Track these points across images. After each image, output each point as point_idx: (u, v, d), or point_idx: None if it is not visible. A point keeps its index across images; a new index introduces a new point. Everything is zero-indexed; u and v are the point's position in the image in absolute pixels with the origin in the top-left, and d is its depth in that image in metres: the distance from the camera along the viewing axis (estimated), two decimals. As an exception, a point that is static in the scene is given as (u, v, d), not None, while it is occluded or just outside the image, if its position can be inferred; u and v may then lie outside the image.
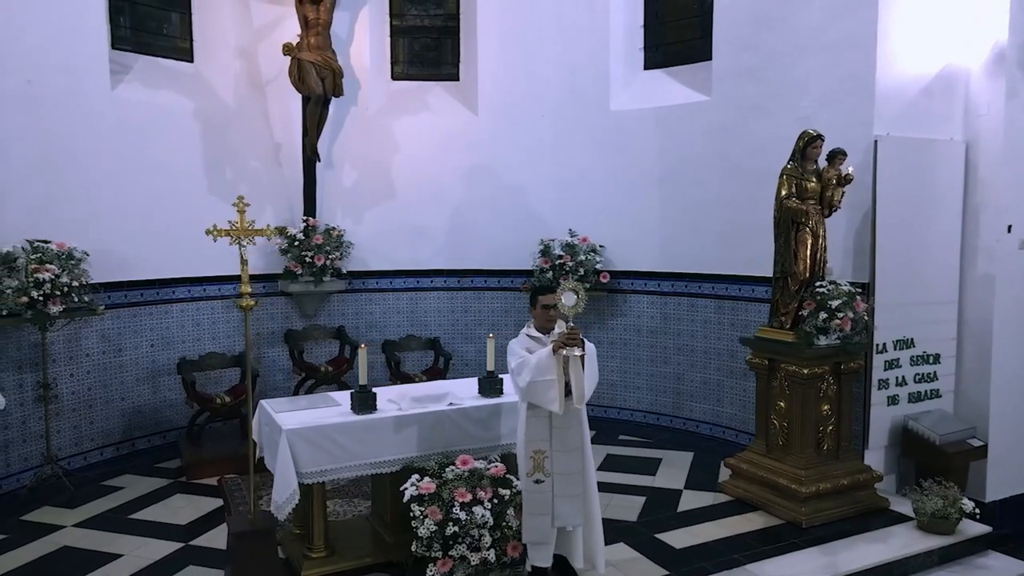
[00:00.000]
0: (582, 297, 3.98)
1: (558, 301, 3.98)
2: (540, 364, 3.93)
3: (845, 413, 5.41)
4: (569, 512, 4.10)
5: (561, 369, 3.94)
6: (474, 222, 8.14)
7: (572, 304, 3.96)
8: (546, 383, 3.92)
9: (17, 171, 5.86)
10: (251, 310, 4.29)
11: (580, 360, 3.95)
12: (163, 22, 7.35)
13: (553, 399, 3.94)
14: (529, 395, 3.99)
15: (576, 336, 3.92)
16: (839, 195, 5.32)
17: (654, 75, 7.76)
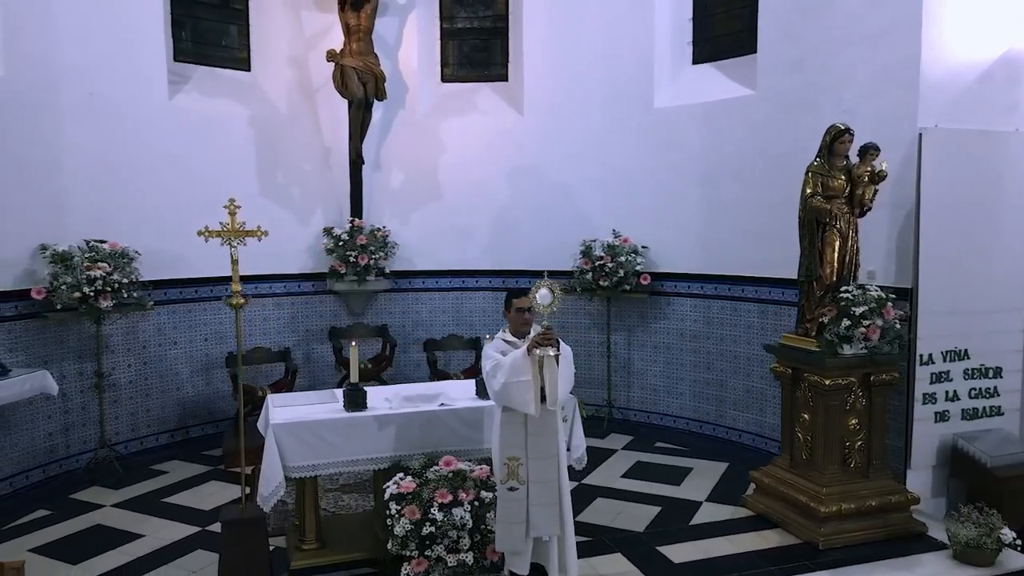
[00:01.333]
0: (557, 295, 3.91)
1: (532, 298, 3.91)
2: (515, 365, 3.87)
3: (876, 428, 5.01)
4: (545, 521, 4.02)
5: (536, 370, 3.87)
6: (519, 222, 8.12)
7: (547, 302, 3.89)
8: (521, 384, 3.86)
9: (79, 177, 6.35)
10: (242, 308, 4.43)
11: (555, 361, 3.86)
12: (223, 34, 7.77)
13: (528, 401, 3.87)
14: (504, 397, 3.94)
15: (551, 335, 3.84)
16: (870, 193, 4.94)
17: (702, 70, 7.47)
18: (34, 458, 6.07)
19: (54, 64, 6.15)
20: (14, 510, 5.50)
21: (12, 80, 5.84)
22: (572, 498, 5.44)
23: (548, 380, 3.84)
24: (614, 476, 6.15)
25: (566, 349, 3.98)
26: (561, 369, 3.86)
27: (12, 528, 5.19)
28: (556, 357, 3.88)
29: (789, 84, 6.38)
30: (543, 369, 3.88)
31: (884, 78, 5.55)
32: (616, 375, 7.88)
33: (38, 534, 5.09)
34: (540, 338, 3.83)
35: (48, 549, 4.84)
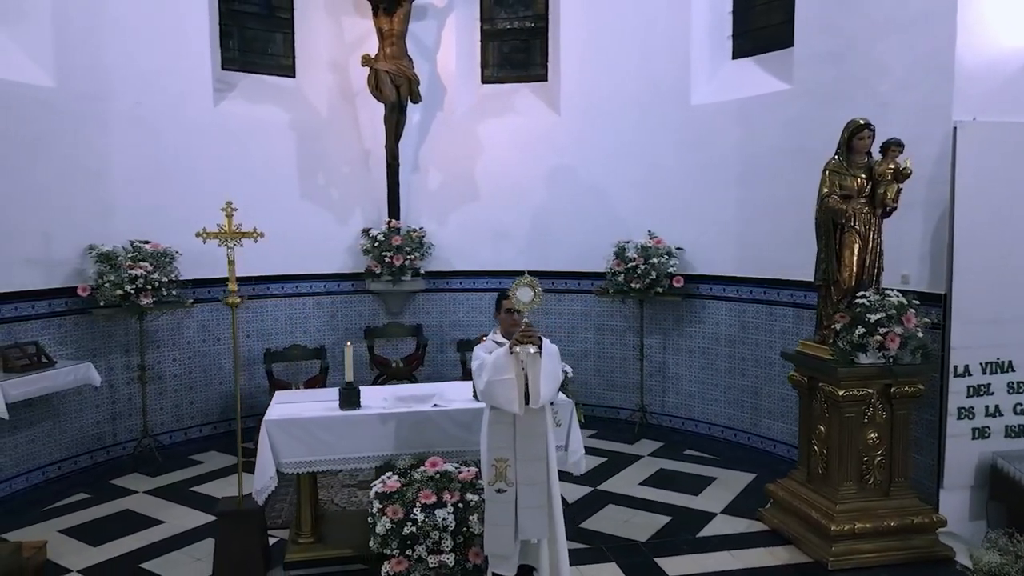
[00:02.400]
0: (538, 293, 3.86)
1: (512, 296, 3.88)
2: (497, 363, 3.84)
3: (899, 443, 4.69)
4: (533, 524, 3.96)
5: (520, 369, 3.83)
6: (555, 223, 8.07)
7: (528, 300, 3.85)
8: (504, 383, 3.81)
9: (126, 181, 6.74)
10: (237, 307, 4.58)
11: (538, 359, 3.80)
12: (269, 43, 8.07)
13: (512, 400, 3.83)
14: (488, 396, 3.92)
15: (531, 333, 3.79)
16: (893, 192, 4.62)
17: (742, 64, 7.20)
18: (82, 444, 6.49)
19: (103, 75, 6.54)
20: (59, 492, 5.90)
21: (63, 91, 6.25)
22: (583, 504, 5.46)
23: (531, 379, 3.79)
24: (631, 483, 6.01)
25: (551, 347, 3.91)
26: (544, 367, 3.79)
27: (52, 509, 5.56)
28: (538, 355, 3.81)
29: (826, 77, 6.07)
30: (527, 368, 3.83)
31: (919, 69, 5.20)
32: (651, 379, 7.70)
33: (72, 516, 5.43)
34: (520, 336, 3.79)
35: (76, 531, 5.16)
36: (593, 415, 8.03)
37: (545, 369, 3.76)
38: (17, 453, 5.94)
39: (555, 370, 3.84)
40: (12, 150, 5.89)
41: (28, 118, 6.01)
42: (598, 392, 8.08)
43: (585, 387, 8.12)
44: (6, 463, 5.84)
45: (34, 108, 6.05)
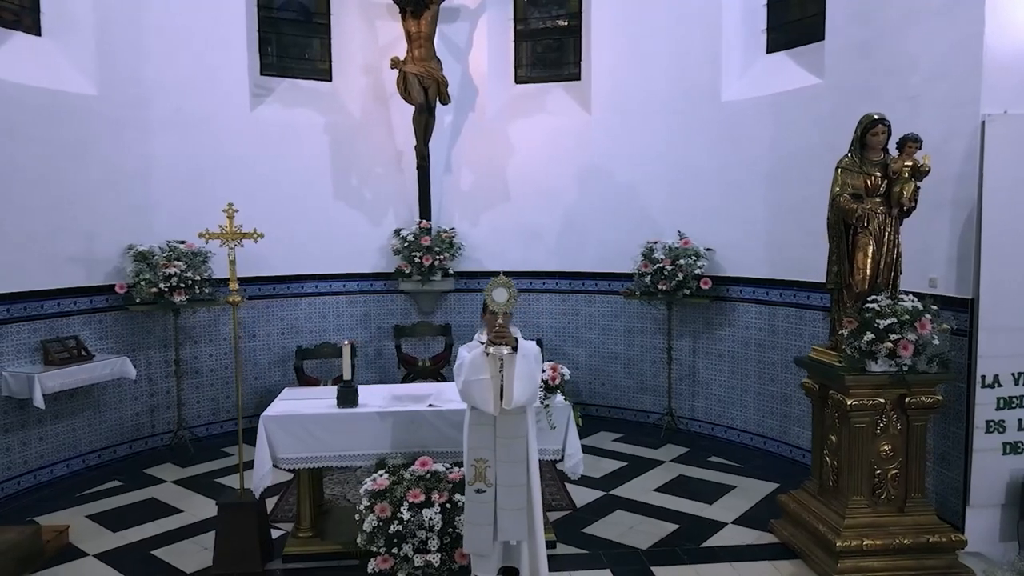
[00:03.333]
0: (513, 294, 3.84)
1: (488, 297, 3.87)
2: (474, 363, 3.85)
3: (915, 457, 4.43)
4: (512, 526, 3.95)
5: (497, 370, 3.82)
6: (586, 223, 7.99)
7: (503, 300, 3.83)
8: (480, 383, 3.82)
9: (165, 184, 7.04)
10: (238, 306, 4.72)
11: (513, 360, 3.78)
12: (306, 48, 8.29)
13: (487, 400, 3.83)
14: (466, 396, 3.93)
15: (504, 333, 3.77)
16: (909, 190, 4.37)
17: (776, 59, 6.95)
18: (121, 434, 6.82)
19: (143, 83, 6.86)
20: (95, 479, 6.22)
21: (105, 98, 6.59)
22: (591, 508, 5.40)
23: (505, 379, 3.77)
24: (646, 489, 5.89)
25: (530, 349, 3.87)
26: (519, 368, 3.76)
27: (85, 495, 5.87)
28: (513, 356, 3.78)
29: (857, 70, 5.79)
30: (504, 369, 3.81)
31: (948, 59, 4.89)
32: (681, 383, 7.53)
33: (102, 502, 5.72)
34: (494, 336, 3.78)
35: (101, 516, 5.43)
36: (622, 418, 7.94)
37: (520, 370, 3.73)
38: (59, 441, 6.29)
39: (531, 372, 3.80)
40: (57, 155, 6.23)
41: (72, 125, 6.35)
42: (628, 395, 7.95)
43: (615, 390, 8.02)
44: (48, 450, 6.20)
45: (78, 115, 6.39)
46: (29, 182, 6.00)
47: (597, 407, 8.12)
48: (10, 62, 5.99)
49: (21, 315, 5.96)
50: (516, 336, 3.93)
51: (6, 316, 5.84)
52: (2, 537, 4.44)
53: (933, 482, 5.01)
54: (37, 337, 6.07)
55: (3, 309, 5.81)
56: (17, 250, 5.90)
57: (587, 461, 6.42)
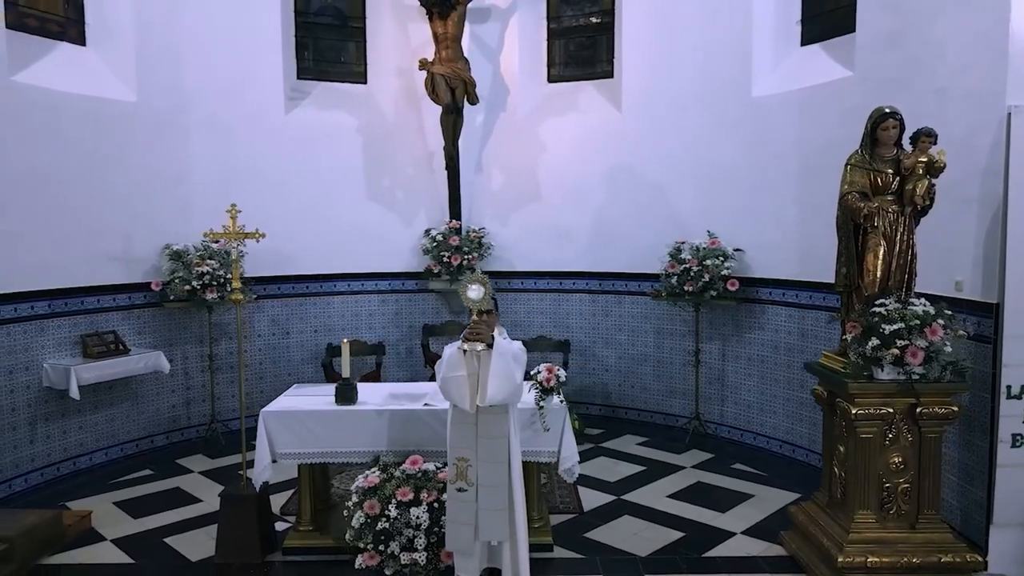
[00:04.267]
0: (488, 291, 3.84)
1: (462, 294, 3.88)
2: (451, 360, 3.87)
3: (929, 470, 4.17)
4: (492, 526, 3.95)
5: (473, 366, 3.82)
6: (616, 223, 7.88)
7: (477, 298, 3.85)
8: (456, 380, 3.85)
9: (202, 185, 7.30)
10: (241, 304, 4.85)
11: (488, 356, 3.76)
12: (342, 51, 8.46)
13: (464, 397, 3.85)
14: (444, 392, 3.96)
15: (478, 330, 3.77)
16: (923, 188, 4.11)
17: (810, 51, 6.68)
18: (158, 425, 7.13)
19: (181, 89, 7.14)
20: (129, 468, 6.52)
21: (145, 104, 6.89)
22: (598, 513, 5.33)
23: (480, 376, 3.77)
24: (660, 495, 5.76)
25: (509, 347, 3.84)
26: (494, 365, 3.74)
27: (117, 482, 6.16)
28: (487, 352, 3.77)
29: (886, 62, 5.51)
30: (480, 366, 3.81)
31: (975, 46, 4.60)
32: (710, 387, 7.33)
33: (130, 489, 6.00)
34: (467, 333, 3.78)
35: (127, 503, 5.69)
36: (651, 422, 7.80)
37: (495, 368, 3.71)
38: (98, 431, 6.62)
39: (508, 370, 3.76)
40: (99, 159, 6.56)
41: (113, 130, 6.66)
42: (657, 398, 7.79)
43: (644, 392, 7.88)
44: (87, 439, 6.53)
45: (119, 121, 6.70)
46: (71, 184, 6.33)
47: (626, 410, 7.99)
48: (55, 71, 6.33)
49: (62, 310, 6.30)
50: (499, 336, 3.93)
51: (47, 311, 6.18)
52: (24, 521, 4.70)
53: (957, 498, 4.72)
54: (77, 331, 6.40)
55: (44, 304, 6.15)
56: (59, 248, 6.24)
57: (605, 464, 6.45)
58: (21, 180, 5.93)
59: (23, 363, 5.99)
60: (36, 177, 6.04)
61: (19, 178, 5.92)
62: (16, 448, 5.94)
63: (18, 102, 5.92)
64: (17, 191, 5.91)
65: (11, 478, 5.90)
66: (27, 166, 5.97)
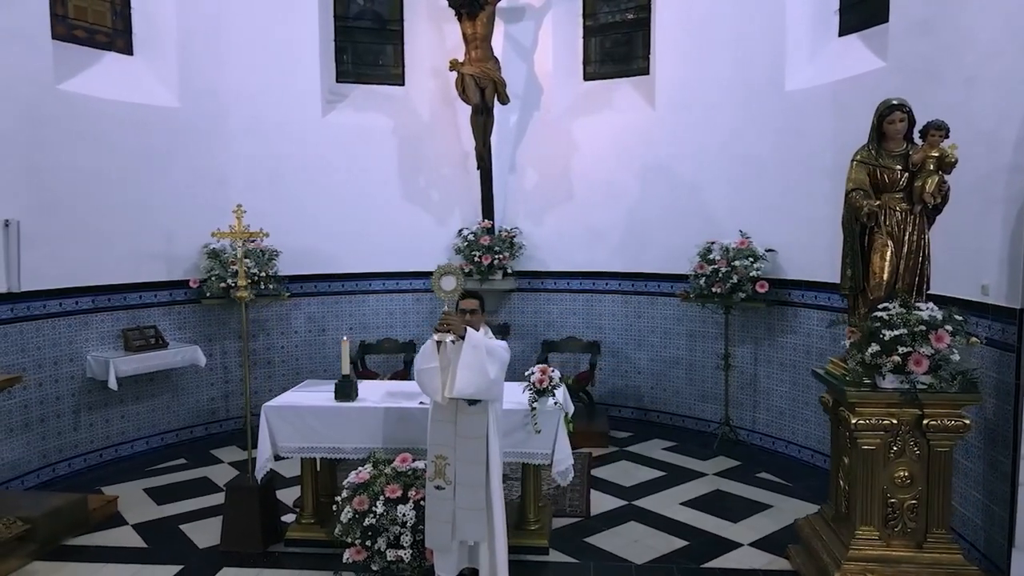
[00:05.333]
0: (460, 282, 3.85)
1: (435, 285, 3.91)
2: (424, 352, 3.94)
3: (938, 486, 3.90)
4: (469, 526, 3.96)
5: (447, 359, 3.84)
6: (649, 223, 7.73)
7: (451, 288, 3.88)
8: (429, 371, 3.92)
9: (242, 186, 7.55)
10: (245, 301, 5.00)
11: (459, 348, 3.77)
12: (380, 54, 8.61)
13: (436, 388, 3.91)
14: (420, 384, 4.03)
15: (448, 321, 3.78)
16: (932, 184, 3.85)
17: (847, 42, 6.37)
18: (197, 417, 7.44)
19: (222, 95, 7.43)
20: (166, 456, 6.84)
21: (187, 110, 7.21)
22: (605, 518, 5.26)
23: (451, 368, 3.78)
24: (673, 502, 5.61)
25: (478, 339, 3.82)
26: (464, 357, 3.74)
27: (152, 470, 6.48)
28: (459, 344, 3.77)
29: (919, 51, 5.19)
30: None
31: (1003, 34, 4.26)
32: (742, 392, 7.10)
33: (162, 477, 6.29)
34: (438, 324, 3.80)
35: (155, 490, 5.97)
36: (682, 426, 7.62)
37: (465, 360, 3.72)
38: (139, 420, 6.97)
39: (480, 364, 3.74)
40: (143, 163, 6.90)
41: (156, 134, 7.00)
42: (689, 402, 7.59)
43: (676, 396, 7.70)
44: (129, 428, 6.89)
45: (162, 126, 7.04)
46: (116, 186, 6.69)
47: (658, 413, 7.83)
48: (102, 79, 6.70)
49: (105, 305, 6.66)
50: (481, 331, 3.94)
51: (91, 306, 6.55)
52: (49, 503, 5.00)
53: (982, 518, 4.40)
54: (120, 325, 6.76)
55: (88, 300, 6.53)
56: (104, 247, 6.60)
57: (625, 468, 6.34)
58: (68, 183, 6.31)
59: (68, 355, 6.37)
60: (82, 180, 6.41)
61: (66, 181, 6.29)
62: (60, 435, 6.32)
63: (64, 109, 6.29)
64: (64, 193, 6.28)
65: (55, 462, 6.28)
66: (73, 170, 6.34)
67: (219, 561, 4.67)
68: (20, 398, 5.96)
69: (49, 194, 6.16)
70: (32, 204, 6.00)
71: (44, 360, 6.17)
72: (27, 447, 6.02)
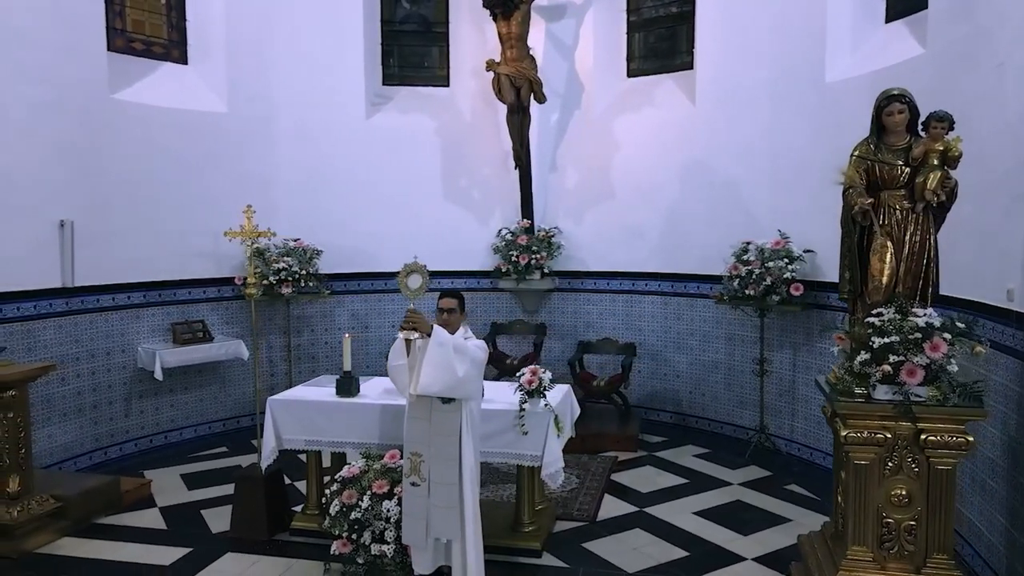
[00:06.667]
0: (425, 280, 3.89)
1: (401, 283, 3.97)
2: (395, 349, 4.02)
3: (939, 507, 3.60)
4: (442, 524, 3.98)
5: (415, 356, 3.88)
6: (688, 222, 7.51)
7: (417, 287, 3.93)
8: (398, 368, 4.01)
9: (288, 188, 7.90)
10: (254, 299, 5.19)
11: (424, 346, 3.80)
12: (425, 56, 8.75)
13: (405, 385, 4.00)
14: (392, 381, 4.12)
15: (412, 318, 3.81)
16: (933, 180, 3.56)
17: (893, 29, 5.98)
18: (243, 408, 7.79)
19: (269, 100, 7.75)
20: (211, 444, 7.22)
21: (235, 115, 7.57)
22: (611, 523, 5.21)
23: (418, 365, 3.81)
24: (686, 510, 5.43)
25: (444, 336, 3.81)
26: (429, 354, 3.76)
27: (193, 457, 6.85)
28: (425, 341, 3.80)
29: (956, 36, 4.84)
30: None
31: (1031, 14, 3.89)
32: (780, 400, 6.78)
33: (199, 464, 6.64)
34: (404, 322, 3.84)
35: (189, 476, 6.30)
36: (720, 433, 7.38)
37: (430, 357, 3.74)
38: (188, 409, 7.38)
39: (446, 361, 3.74)
40: (192, 165, 7.30)
41: (206, 138, 7.38)
42: (727, 408, 7.33)
43: (715, 401, 7.46)
44: (178, 416, 7.31)
45: (211, 131, 7.42)
46: (167, 188, 7.10)
47: (696, 419, 7.59)
48: (156, 88, 7.13)
49: (156, 300, 7.09)
50: (461, 330, 3.96)
51: (142, 301, 6.99)
52: (86, 484, 5.38)
53: (1004, 543, 4.03)
54: (169, 319, 7.18)
55: (140, 295, 6.96)
56: (155, 246, 7.02)
57: (647, 474, 6.21)
58: (120, 185, 6.74)
59: (120, 346, 6.82)
60: (134, 182, 6.84)
61: (118, 183, 6.73)
62: (112, 420, 6.77)
63: (118, 117, 6.73)
64: (117, 195, 6.72)
65: (107, 446, 6.74)
66: (126, 173, 6.77)
67: (225, 547, 4.88)
68: (74, 385, 6.43)
69: (102, 196, 6.61)
70: (87, 205, 6.45)
71: (97, 350, 6.62)
72: (80, 431, 6.49)
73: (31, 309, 6.07)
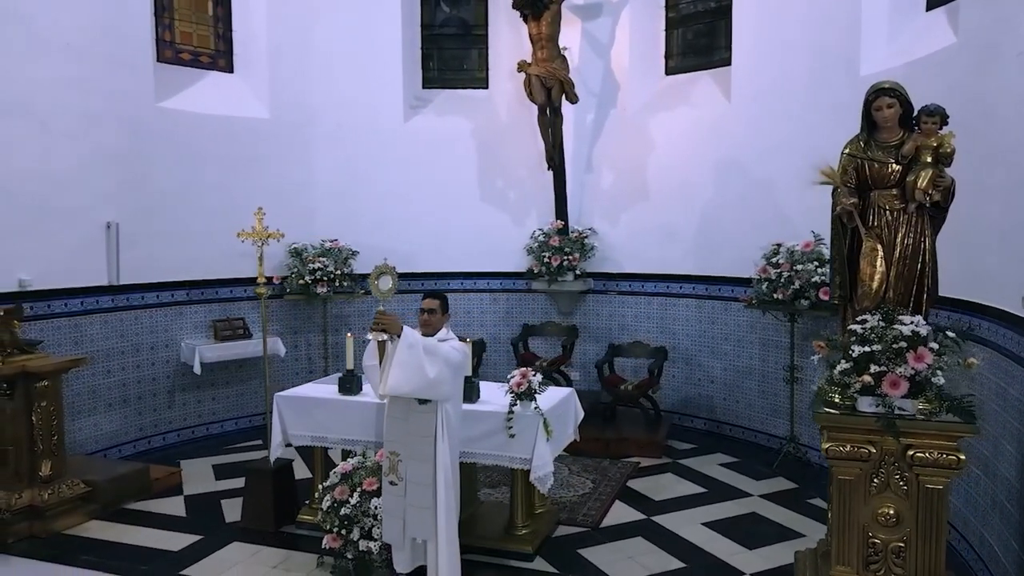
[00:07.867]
0: (395, 283, 3.94)
1: (372, 285, 4.03)
2: (369, 350, 4.08)
3: (928, 527, 3.36)
4: (417, 524, 4.02)
5: (386, 356, 3.93)
6: (722, 222, 7.30)
7: (387, 288, 3.98)
8: (371, 368, 4.06)
9: (326, 190, 8.14)
10: (264, 298, 5.37)
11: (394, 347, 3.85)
12: (465, 59, 8.83)
13: (376, 384, 4.04)
14: (368, 382, 4.21)
15: (381, 319, 3.86)
16: (924, 179, 3.33)
17: (933, 17, 5.63)
18: (283, 403, 8.08)
19: (308, 104, 8.01)
20: (248, 437, 7.51)
21: (276, 120, 7.86)
22: (613, 531, 5.16)
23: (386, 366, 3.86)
24: (695, 521, 5.27)
25: (415, 337, 3.84)
26: (398, 355, 3.79)
27: (228, 448, 7.14)
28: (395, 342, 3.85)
29: (986, 24, 4.52)
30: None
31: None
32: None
33: (232, 456, 6.91)
34: (373, 323, 3.89)
35: (219, 467, 6.58)
36: (753, 441, 7.14)
37: (399, 358, 3.78)
38: (229, 403, 7.71)
39: (416, 363, 3.77)
40: (235, 169, 7.62)
41: (249, 144, 7.70)
42: (761, 415, 7.07)
43: (749, 408, 7.21)
44: (219, 409, 7.65)
45: (254, 136, 7.73)
46: (209, 191, 7.44)
47: (730, 426, 7.35)
48: (201, 96, 7.50)
49: (199, 298, 7.44)
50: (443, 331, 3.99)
51: (186, 299, 7.35)
52: (116, 471, 5.72)
53: (1016, 568, 3.72)
54: (211, 316, 7.52)
55: (183, 293, 7.33)
56: (198, 246, 7.37)
57: (666, 482, 6.09)
58: (165, 189, 7.12)
59: (163, 341, 7.20)
60: (178, 186, 7.21)
61: (163, 187, 7.10)
62: (156, 411, 7.16)
63: (165, 124, 7.11)
64: (162, 198, 7.10)
65: (151, 435, 7.12)
66: (170, 177, 7.15)
67: (233, 536, 5.07)
68: (119, 377, 6.83)
69: (148, 199, 6.99)
70: (133, 207, 6.84)
71: (141, 345, 7.01)
72: (124, 421, 6.89)
73: (78, 305, 6.49)
